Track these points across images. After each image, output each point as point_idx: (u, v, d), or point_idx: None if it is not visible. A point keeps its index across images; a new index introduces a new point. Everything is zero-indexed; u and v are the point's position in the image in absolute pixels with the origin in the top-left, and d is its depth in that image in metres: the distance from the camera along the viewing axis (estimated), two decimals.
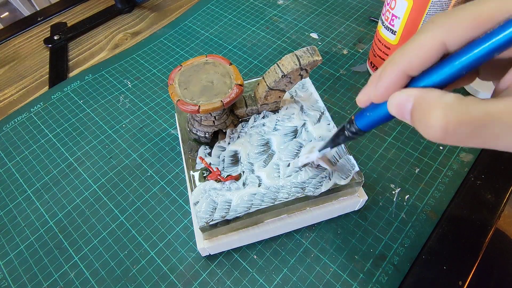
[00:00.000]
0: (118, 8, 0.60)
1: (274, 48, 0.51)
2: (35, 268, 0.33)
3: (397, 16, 0.37)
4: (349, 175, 0.30)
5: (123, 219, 0.35)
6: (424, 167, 0.37)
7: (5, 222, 0.36)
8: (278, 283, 0.31)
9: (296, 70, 0.29)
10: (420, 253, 0.32)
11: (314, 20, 0.55)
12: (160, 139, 0.41)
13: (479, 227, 0.33)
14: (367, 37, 0.52)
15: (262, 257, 0.32)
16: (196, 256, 0.32)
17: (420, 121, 0.15)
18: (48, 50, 0.55)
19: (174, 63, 0.51)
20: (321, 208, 0.32)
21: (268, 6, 0.59)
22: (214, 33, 0.55)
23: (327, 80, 0.46)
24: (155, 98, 0.46)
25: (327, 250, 0.32)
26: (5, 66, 0.54)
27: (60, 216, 0.36)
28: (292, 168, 0.30)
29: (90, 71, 0.50)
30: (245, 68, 0.49)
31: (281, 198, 0.29)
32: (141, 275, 0.32)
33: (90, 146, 0.41)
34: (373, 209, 0.34)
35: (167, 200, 0.36)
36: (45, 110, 0.46)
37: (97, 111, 0.45)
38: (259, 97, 0.33)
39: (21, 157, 0.41)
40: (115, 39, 0.56)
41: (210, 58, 0.33)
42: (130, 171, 0.39)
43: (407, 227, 0.33)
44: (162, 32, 0.56)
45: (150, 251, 0.33)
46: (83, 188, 0.38)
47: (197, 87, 0.31)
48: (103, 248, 0.33)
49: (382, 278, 0.30)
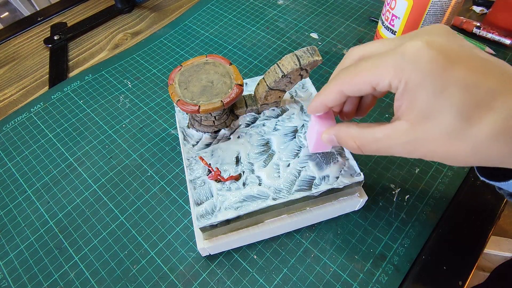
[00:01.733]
0: (118, 8, 0.60)
1: (274, 48, 0.51)
2: (35, 268, 0.33)
3: (397, 16, 0.37)
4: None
5: (123, 219, 0.35)
6: (424, 167, 0.37)
7: (5, 222, 0.36)
8: (278, 283, 0.31)
9: (296, 70, 0.29)
10: (420, 253, 0.32)
11: (314, 20, 0.55)
12: (160, 139, 0.41)
13: (479, 227, 0.33)
14: (367, 37, 0.52)
15: (262, 257, 0.32)
16: (196, 256, 0.32)
17: (344, 146, 0.24)
18: (48, 50, 0.55)
19: (174, 63, 0.51)
20: (321, 208, 0.32)
21: (268, 6, 0.59)
22: (214, 33, 0.55)
23: (327, 80, 0.46)
24: (155, 98, 0.46)
25: (327, 250, 0.32)
26: (5, 66, 0.54)
27: (60, 216, 0.36)
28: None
29: (90, 71, 0.50)
30: (245, 68, 0.49)
31: (282, 196, 0.29)
32: (141, 275, 0.32)
33: (90, 146, 0.41)
34: (373, 209, 0.34)
35: (167, 200, 0.36)
36: (45, 110, 0.46)
37: (97, 111, 0.45)
38: (259, 97, 0.33)
39: (21, 157, 0.41)
40: (115, 39, 0.56)
41: (210, 58, 0.33)
42: (130, 171, 0.39)
43: (407, 227, 0.33)
44: (162, 32, 0.56)
45: (150, 251, 0.33)
46: (83, 188, 0.38)
47: (197, 87, 0.31)
48: (103, 248, 0.33)
49: (382, 278, 0.30)
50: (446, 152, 0.19)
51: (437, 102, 0.18)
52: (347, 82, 0.22)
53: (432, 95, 0.18)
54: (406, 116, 0.20)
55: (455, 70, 0.18)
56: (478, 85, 0.18)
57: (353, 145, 0.23)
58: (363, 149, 0.22)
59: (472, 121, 0.18)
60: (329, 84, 0.23)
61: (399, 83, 0.19)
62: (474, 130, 0.18)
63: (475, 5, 0.55)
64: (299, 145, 0.32)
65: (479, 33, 0.49)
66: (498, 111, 0.18)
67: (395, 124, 0.20)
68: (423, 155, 0.20)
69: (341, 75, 0.22)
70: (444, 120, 0.18)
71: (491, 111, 0.18)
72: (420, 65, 0.18)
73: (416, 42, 0.19)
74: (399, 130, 0.20)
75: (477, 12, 0.54)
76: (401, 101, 0.20)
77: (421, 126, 0.19)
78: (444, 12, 0.35)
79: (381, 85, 0.20)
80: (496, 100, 0.18)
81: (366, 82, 0.20)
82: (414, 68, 0.18)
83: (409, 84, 0.19)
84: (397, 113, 0.20)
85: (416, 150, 0.20)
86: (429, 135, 0.19)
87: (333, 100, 0.23)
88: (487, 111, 0.18)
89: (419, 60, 0.18)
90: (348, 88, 0.22)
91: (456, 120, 0.18)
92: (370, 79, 0.20)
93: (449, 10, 0.35)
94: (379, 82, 0.20)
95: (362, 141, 0.22)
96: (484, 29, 0.49)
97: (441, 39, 0.19)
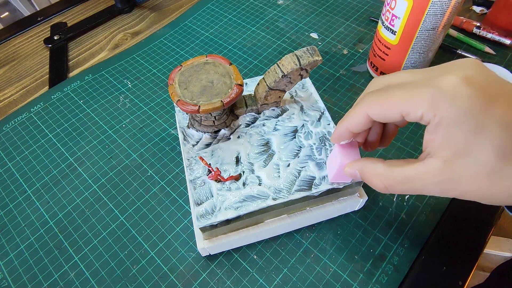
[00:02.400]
0: (118, 8, 0.60)
1: (274, 48, 0.51)
2: (35, 268, 0.33)
3: (397, 16, 0.37)
4: None
5: (123, 219, 0.35)
6: None
7: (5, 222, 0.36)
8: (278, 283, 0.31)
9: (296, 70, 0.29)
10: (420, 253, 0.32)
11: (314, 20, 0.55)
12: (160, 139, 0.41)
13: (479, 227, 0.33)
14: (367, 37, 0.52)
15: (262, 257, 0.32)
16: (196, 256, 0.32)
17: (369, 183, 0.23)
18: (48, 50, 0.55)
19: (174, 63, 0.51)
20: (321, 208, 0.32)
21: (268, 6, 0.59)
22: (214, 33, 0.55)
23: (327, 80, 0.46)
24: (155, 98, 0.46)
25: (327, 250, 0.32)
26: (5, 66, 0.54)
27: (60, 216, 0.36)
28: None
29: (90, 71, 0.50)
30: (245, 68, 0.49)
31: (282, 196, 0.29)
32: (141, 275, 0.32)
33: (90, 146, 0.41)
34: (373, 209, 0.34)
35: (167, 200, 0.36)
36: (45, 110, 0.46)
37: (97, 111, 0.45)
38: (259, 97, 0.33)
39: (21, 157, 0.41)
40: (115, 39, 0.56)
41: (210, 58, 0.33)
42: (130, 171, 0.39)
43: (407, 227, 0.33)
44: (162, 32, 0.56)
45: (150, 251, 0.33)
46: (83, 188, 0.38)
47: (197, 87, 0.31)
48: (103, 248, 0.33)
49: (382, 278, 0.30)
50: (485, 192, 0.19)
51: (475, 140, 0.18)
52: (376, 105, 0.21)
53: (470, 133, 0.18)
54: (440, 153, 0.19)
55: (495, 107, 0.18)
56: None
57: (379, 184, 0.22)
58: (390, 189, 0.21)
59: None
60: (355, 108, 0.22)
61: (433, 117, 0.18)
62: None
63: (475, 5, 0.55)
64: (299, 145, 0.32)
65: (479, 33, 0.49)
66: None
67: (427, 161, 0.19)
68: (459, 195, 0.20)
69: (369, 99, 0.21)
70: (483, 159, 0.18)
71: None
72: (458, 102, 0.18)
73: (453, 77, 0.18)
74: (433, 168, 0.19)
75: (477, 12, 0.54)
76: (433, 136, 0.19)
77: (458, 164, 0.18)
78: (444, 12, 0.35)
79: (412, 115, 0.19)
80: None
81: (397, 109, 0.20)
82: (452, 104, 0.18)
83: (444, 119, 0.18)
84: (428, 149, 0.20)
85: (452, 190, 0.19)
86: (466, 174, 0.18)
87: (358, 125, 0.22)
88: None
89: (457, 96, 0.18)
90: (376, 112, 0.21)
91: (496, 159, 0.18)
92: (402, 107, 0.19)
93: (449, 10, 0.35)
94: (410, 112, 0.19)
95: (390, 181, 0.21)
96: (484, 29, 0.49)
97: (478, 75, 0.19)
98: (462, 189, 0.19)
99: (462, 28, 0.50)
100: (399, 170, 0.21)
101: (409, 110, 0.19)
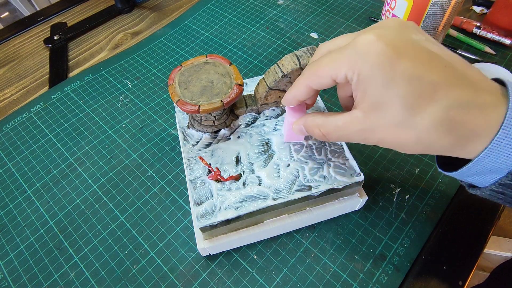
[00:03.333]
0: (118, 8, 0.60)
1: (274, 48, 0.51)
2: (35, 268, 0.33)
3: (397, 16, 0.37)
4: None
5: (123, 219, 0.35)
6: (424, 167, 0.37)
7: (5, 222, 0.36)
8: (278, 283, 0.31)
9: (296, 70, 0.29)
10: (420, 253, 0.32)
11: (314, 20, 0.55)
12: (160, 139, 0.41)
13: (479, 227, 0.33)
14: None
15: (262, 257, 0.32)
16: (196, 256, 0.32)
17: (312, 134, 0.26)
18: (48, 50, 0.55)
19: (174, 63, 0.51)
20: (321, 208, 0.32)
21: (268, 6, 0.59)
22: (214, 33, 0.55)
23: None
24: (155, 98, 0.46)
25: (327, 250, 0.32)
26: (5, 66, 0.54)
27: (60, 216, 0.36)
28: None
29: (90, 71, 0.50)
30: (245, 68, 0.49)
31: (282, 196, 0.29)
32: (141, 275, 0.32)
33: (90, 146, 0.41)
34: (373, 209, 0.34)
35: (167, 200, 0.36)
36: (45, 110, 0.46)
37: (97, 111, 0.45)
38: (259, 97, 0.33)
39: (21, 157, 0.41)
40: (115, 39, 0.56)
41: (210, 58, 0.33)
42: (130, 171, 0.39)
43: (407, 227, 0.33)
44: (162, 32, 0.56)
45: (150, 251, 0.33)
46: (83, 188, 0.38)
47: (197, 87, 0.31)
48: (103, 248, 0.33)
49: (382, 278, 0.30)
50: (395, 140, 0.21)
51: (385, 93, 0.20)
52: (311, 76, 0.23)
53: (380, 86, 0.19)
54: (360, 105, 0.21)
55: (401, 62, 0.19)
56: (421, 77, 0.19)
57: (318, 133, 0.24)
58: (328, 137, 0.24)
59: (416, 111, 0.19)
60: (299, 79, 0.24)
61: (353, 75, 0.20)
62: (417, 120, 0.19)
63: (475, 5, 0.55)
64: (299, 145, 0.32)
65: (479, 33, 0.49)
66: (439, 102, 0.19)
67: (352, 112, 0.22)
68: (376, 142, 0.22)
69: (307, 71, 0.23)
70: (391, 110, 0.20)
71: (433, 102, 0.19)
72: (370, 58, 0.19)
73: (368, 36, 0.20)
74: (355, 118, 0.21)
75: (477, 12, 0.54)
76: (356, 92, 0.21)
77: (372, 115, 0.21)
78: (444, 12, 0.35)
79: (339, 78, 0.21)
80: (438, 92, 0.19)
81: (327, 75, 0.22)
82: (364, 61, 0.20)
83: (361, 76, 0.20)
84: (355, 103, 0.22)
85: (370, 138, 0.22)
86: (379, 124, 0.20)
87: (302, 94, 0.25)
88: (429, 102, 0.19)
89: (369, 52, 0.19)
90: (313, 82, 0.23)
91: (402, 110, 0.19)
92: (330, 73, 0.21)
93: (449, 10, 0.35)
94: (337, 75, 0.21)
95: (326, 129, 0.23)
96: (484, 29, 0.49)
97: (392, 32, 0.20)
98: (378, 137, 0.21)
99: (462, 28, 0.51)
100: (332, 119, 0.23)
101: (337, 74, 0.21)
